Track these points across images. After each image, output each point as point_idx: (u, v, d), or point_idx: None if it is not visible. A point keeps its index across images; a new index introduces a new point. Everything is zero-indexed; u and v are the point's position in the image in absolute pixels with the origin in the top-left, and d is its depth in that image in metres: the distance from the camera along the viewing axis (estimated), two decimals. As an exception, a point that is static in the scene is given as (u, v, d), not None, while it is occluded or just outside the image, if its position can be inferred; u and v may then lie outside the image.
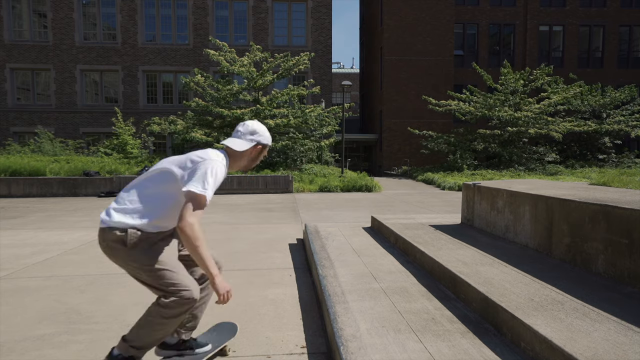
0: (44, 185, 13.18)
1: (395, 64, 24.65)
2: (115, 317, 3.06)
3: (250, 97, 17.12)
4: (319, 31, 24.05)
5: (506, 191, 4.09)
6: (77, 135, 22.83)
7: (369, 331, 2.35)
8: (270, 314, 3.10)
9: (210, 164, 1.98)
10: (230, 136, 2.24)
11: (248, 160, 2.25)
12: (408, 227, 4.96)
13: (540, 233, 3.52)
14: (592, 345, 1.82)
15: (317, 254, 4.20)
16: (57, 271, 4.32)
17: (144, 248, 2.00)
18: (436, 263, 3.36)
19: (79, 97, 23.34)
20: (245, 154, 2.21)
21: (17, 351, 2.54)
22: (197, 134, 15.64)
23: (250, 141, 2.19)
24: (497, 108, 19.67)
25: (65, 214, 8.89)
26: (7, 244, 5.71)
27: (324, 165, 17.97)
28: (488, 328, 2.39)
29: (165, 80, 24.13)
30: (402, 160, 24.62)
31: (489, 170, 18.56)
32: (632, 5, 26.87)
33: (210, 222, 7.72)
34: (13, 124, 23.08)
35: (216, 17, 23.93)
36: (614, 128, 21.01)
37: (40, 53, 22.94)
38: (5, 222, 7.87)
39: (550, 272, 2.96)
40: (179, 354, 2.25)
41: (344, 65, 51.16)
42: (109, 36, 23.58)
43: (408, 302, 2.85)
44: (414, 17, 24.44)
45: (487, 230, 4.53)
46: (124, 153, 17.05)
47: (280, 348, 2.56)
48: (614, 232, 2.70)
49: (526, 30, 26.51)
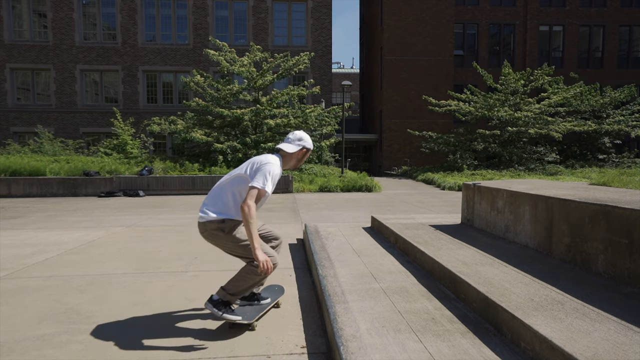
0: (44, 185, 13.19)
1: (395, 63, 24.66)
2: (115, 317, 3.06)
3: (250, 97, 17.11)
4: (319, 31, 24.05)
5: (506, 191, 4.10)
6: (77, 135, 22.83)
7: (369, 331, 2.35)
8: (270, 314, 3.11)
9: (268, 166, 2.70)
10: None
11: (296, 161, 2.97)
12: (408, 227, 4.96)
13: (540, 233, 3.52)
14: (592, 345, 1.82)
15: (317, 254, 4.20)
16: (57, 271, 4.33)
17: (236, 231, 2.74)
18: (436, 263, 3.36)
19: (79, 97, 23.34)
20: (294, 156, 2.94)
21: (17, 351, 2.54)
22: (197, 134, 15.64)
23: (298, 145, 2.92)
24: (496, 108, 19.67)
25: (65, 214, 8.89)
26: (7, 244, 5.71)
27: (324, 165, 17.97)
28: (488, 328, 2.39)
29: (165, 80, 24.12)
30: (402, 160, 24.62)
31: (489, 170, 18.56)
32: (632, 5, 26.86)
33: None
34: (13, 124, 23.08)
35: (216, 17, 23.92)
36: (614, 128, 21.01)
37: (40, 53, 22.94)
38: (5, 222, 7.87)
39: (550, 272, 2.96)
40: (250, 303, 3.02)
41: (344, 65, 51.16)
42: (109, 36, 23.58)
43: (408, 302, 2.85)
44: (414, 17, 24.44)
45: (487, 230, 4.53)
46: (124, 153, 17.05)
47: (280, 348, 2.56)
48: (614, 232, 2.70)
49: (526, 30, 26.51)
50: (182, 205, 10.46)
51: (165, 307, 3.26)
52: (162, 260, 4.79)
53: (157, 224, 7.54)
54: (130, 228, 7.05)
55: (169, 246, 5.55)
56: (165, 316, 3.08)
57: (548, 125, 19.99)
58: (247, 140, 15.81)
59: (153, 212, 9.25)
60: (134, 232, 6.69)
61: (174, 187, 13.62)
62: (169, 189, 13.59)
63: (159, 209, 9.83)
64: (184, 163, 15.24)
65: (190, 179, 13.76)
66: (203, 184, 13.76)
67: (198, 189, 13.70)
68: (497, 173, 17.61)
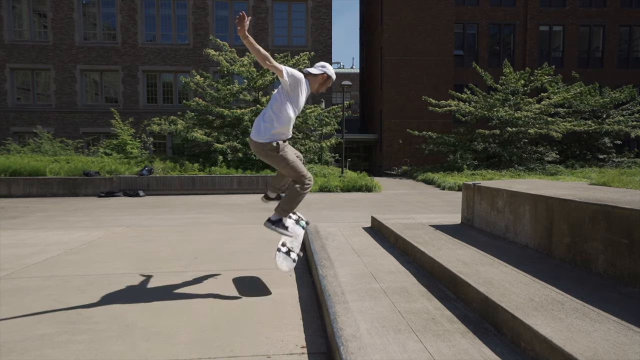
0: (44, 185, 13.19)
1: (395, 64, 24.66)
2: (116, 317, 3.06)
3: (250, 97, 17.11)
4: (319, 31, 24.05)
5: (506, 191, 4.09)
6: (77, 135, 22.83)
7: (369, 331, 2.35)
8: (270, 314, 3.11)
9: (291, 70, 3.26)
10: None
11: (318, 85, 3.51)
12: (408, 227, 4.96)
13: (540, 233, 3.52)
14: (592, 345, 1.82)
15: (317, 254, 4.20)
16: (57, 271, 4.33)
17: (285, 150, 3.36)
18: (436, 263, 3.36)
19: (79, 97, 23.34)
20: (317, 79, 3.49)
21: (17, 351, 2.54)
22: (198, 134, 15.64)
23: (320, 70, 3.48)
24: (496, 108, 19.66)
25: (65, 214, 8.89)
26: (7, 244, 5.71)
27: (324, 165, 17.96)
28: (488, 328, 2.39)
29: (165, 80, 24.13)
30: (402, 160, 24.62)
31: (489, 170, 18.56)
32: (632, 5, 26.87)
33: (211, 222, 7.72)
34: (13, 124, 23.08)
35: (216, 17, 23.93)
36: (614, 128, 21.01)
37: (40, 53, 22.94)
38: (5, 222, 7.88)
39: (550, 272, 2.96)
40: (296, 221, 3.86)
41: (344, 65, 51.17)
42: (109, 36, 23.58)
43: (408, 302, 2.85)
44: (414, 17, 24.45)
45: (487, 230, 4.53)
46: (124, 153, 17.05)
47: (280, 348, 2.56)
48: (614, 232, 2.70)
49: (526, 30, 26.51)
50: (182, 205, 10.46)
51: (165, 306, 3.26)
52: (162, 260, 4.79)
53: (157, 224, 7.55)
54: (130, 228, 7.05)
55: (168, 246, 5.55)
56: (165, 316, 3.08)
57: (548, 125, 19.99)
58: (247, 140, 15.79)
59: (153, 212, 9.25)
60: (134, 232, 6.70)
61: (174, 187, 13.62)
62: (169, 189, 13.59)
63: (159, 209, 9.83)
64: (184, 163, 15.24)
65: (190, 179, 13.76)
66: (203, 184, 13.77)
67: (198, 189, 13.70)
68: (497, 173, 17.62)
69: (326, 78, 3.49)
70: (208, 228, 7.02)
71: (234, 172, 14.62)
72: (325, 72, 3.47)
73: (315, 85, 3.51)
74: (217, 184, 13.87)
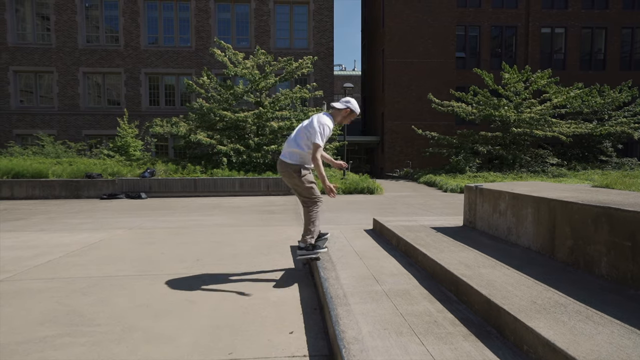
0: (47, 188, 13.22)
1: (397, 66, 24.66)
2: (118, 319, 3.06)
3: (253, 97, 17.14)
4: (321, 34, 24.09)
5: (508, 193, 4.08)
6: (80, 138, 22.90)
7: (371, 334, 2.34)
8: (271, 316, 3.10)
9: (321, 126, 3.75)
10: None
11: (341, 117, 3.98)
12: (410, 229, 4.95)
13: (542, 235, 3.51)
14: (595, 348, 1.81)
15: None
16: (59, 273, 4.33)
17: (306, 175, 3.85)
18: (438, 265, 3.35)
19: (81, 99, 23.43)
20: (342, 113, 3.95)
21: (19, 353, 2.54)
22: (202, 136, 15.66)
23: (344, 105, 3.94)
24: (501, 108, 19.55)
25: (68, 216, 8.91)
26: (9, 246, 5.72)
27: (325, 168, 17.96)
28: (490, 331, 2.38)
29: (168, 82, 24.19)
30: (404, 162, 24.60)
31: (492, 173, 18.51)
32: (634, 7, 26.83)
33: (212, 224, 7.73)
34: (16, 126, 23.17)
35: (218, 19, 24.00)
36: (617, 130, 20.93)
37: (43, 56, 23.05)
38: (7, 224, 7.90)
39: (553, 275, 2.95)
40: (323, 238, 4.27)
41: (346, 68, 51.25)
42: (112, 39, 23.67)
43: (410, 304, 2.84)
44: (416, 20, 24.46)
45: (489, 232, 4.52)
46: (127, 155, 17.08)
47: (282, 350, 2.56)
48: (616, 235, 2.69)
49: (528, 33, 26.49)
50: (184, 208, 10.47)
51: (166, 309, 3.26)
52: (164, 262, 4.80)
53: (159, 226, 7.55)
54: (132, 230, 7.06)
55: (171, 248, 5.55)
56: (166, 318, 3.08)
57: (552, 127, 19.91)
58: (250, 143, 15.83)
59: (155, 214, 9.27)
60: (136, 234, 6.70)
61: (176, 190, 13.64)
62: (171, 191, 13.60)
63: (161, 211, 9.85)
64: (186, 165, 15.26)
65: (192, 181, 13.78)
66: (205, 186, 13.78)
67: (200, 191, 13.71)
68: (499, 175, 17.57)
69: (349, 112, 3.96)
70: (210, 230, 7.03)
71: (236, 175, 14.63)
72: (348, 107, 3.92)
73: (339, 117, 3.96)
74: (219, 186, 13.88)
